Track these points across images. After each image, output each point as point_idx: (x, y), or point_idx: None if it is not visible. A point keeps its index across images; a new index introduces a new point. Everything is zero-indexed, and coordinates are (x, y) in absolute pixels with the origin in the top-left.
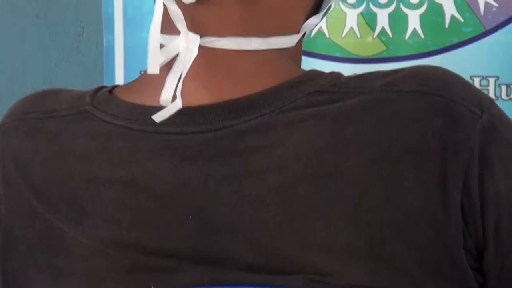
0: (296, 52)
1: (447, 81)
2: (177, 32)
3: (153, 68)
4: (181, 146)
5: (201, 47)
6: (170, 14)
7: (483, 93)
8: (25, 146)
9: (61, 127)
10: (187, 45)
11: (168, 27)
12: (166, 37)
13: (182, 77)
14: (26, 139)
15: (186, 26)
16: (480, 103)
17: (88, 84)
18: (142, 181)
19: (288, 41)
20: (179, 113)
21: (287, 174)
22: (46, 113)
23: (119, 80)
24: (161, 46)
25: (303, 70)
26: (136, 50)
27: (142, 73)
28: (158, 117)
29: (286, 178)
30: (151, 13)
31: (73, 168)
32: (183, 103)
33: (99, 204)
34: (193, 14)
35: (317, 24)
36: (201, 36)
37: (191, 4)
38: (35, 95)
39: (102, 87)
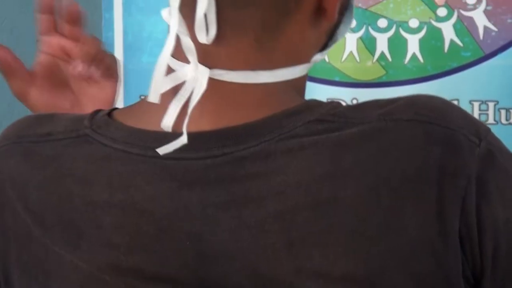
0: (301, 81)
1: (445, 110)
2: (186, 60)
3: (154, 97)
4: (180, 171)
5: (208, 78)
6: (182, 45)
7: (480, 122)
8: (21, 169)
9: (58, 151)
10: (195, 75)
11: (179, 52)
12: (175, 61)
13: (190, 109)
14: (22, 162)
15: (197, 58)
16: (478, 131)
17: None
18: (141, 205)
19: (295, 72)
20: None
21: (286, 201)
22: (43, 136)
23: (119, 104)
24: (168, 67)
25: (303, 99)
26: (135, 74)
27: (142, 97)
28: (162, 150)
29: (285, 205)
30: (151, 37)
31: (71, 191)
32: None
33: (97, 228)
34: (206, 47)
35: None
36: (210, 68)
37: None
38: (29, 119)
39: (98, 111)
